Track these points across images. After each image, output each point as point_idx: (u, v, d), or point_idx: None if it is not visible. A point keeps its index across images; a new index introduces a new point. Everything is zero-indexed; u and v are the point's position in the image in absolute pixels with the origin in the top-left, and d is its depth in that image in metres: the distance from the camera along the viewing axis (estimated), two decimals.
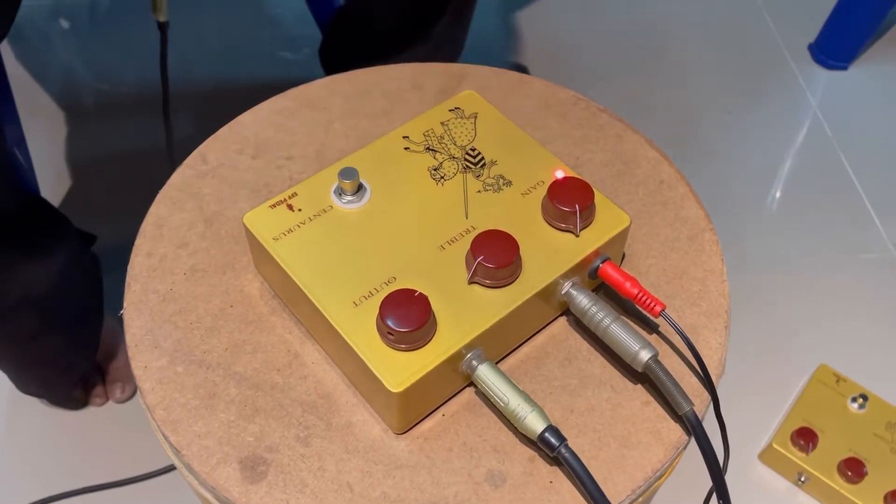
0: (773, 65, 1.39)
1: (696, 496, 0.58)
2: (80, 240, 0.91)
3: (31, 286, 0.79)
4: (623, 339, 0.42)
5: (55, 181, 1.17)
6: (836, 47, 1.36)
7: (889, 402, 0.94)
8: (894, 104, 1.33)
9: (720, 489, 0.41)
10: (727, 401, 0.44)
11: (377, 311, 0.40)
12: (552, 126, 0.55)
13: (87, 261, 0.92)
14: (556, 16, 1.45)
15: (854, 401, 0.94)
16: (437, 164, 0.47)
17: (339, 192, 0.45)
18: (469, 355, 0.40)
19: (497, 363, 0.43)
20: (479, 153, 0.48)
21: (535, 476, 0.40)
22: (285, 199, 0.45)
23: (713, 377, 0.43)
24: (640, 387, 0.43)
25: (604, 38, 1.42)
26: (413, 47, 0.89)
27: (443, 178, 0.47)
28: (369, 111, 0.56)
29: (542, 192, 0.46)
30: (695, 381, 0.44)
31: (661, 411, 0.42)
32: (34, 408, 0.97)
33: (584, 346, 0.45)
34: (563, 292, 0.43)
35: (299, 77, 0.60)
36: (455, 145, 0.48)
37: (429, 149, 0.48)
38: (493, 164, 0.47)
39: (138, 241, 0.48)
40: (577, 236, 0.44)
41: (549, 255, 0.43)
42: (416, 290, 0.40)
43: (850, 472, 0.88)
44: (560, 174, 0.47)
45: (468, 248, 0.42)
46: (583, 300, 0.43)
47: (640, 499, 0.41)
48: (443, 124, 0.49)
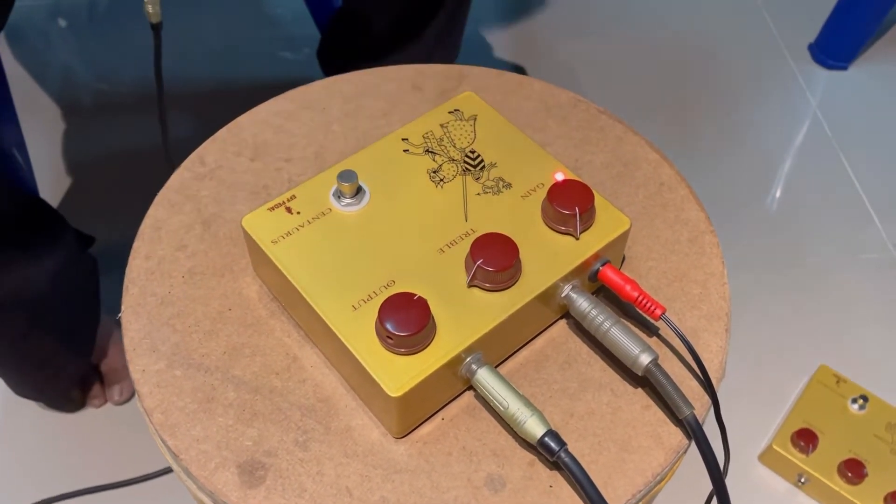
0: (772, 65, 1.38)
1: (696, 499, 0.58)
2: (77, 241, 0.91)
3: (25, 286, 0.79)
4: (623, 342, 0.41)
5: (54, 181, 1.16)
6: (836, 47, 1.36)
7: (889, 403, 0.94)
8: (894, 104, 1.33)
9: (720, 493, 0.41)
10: (727, 402, 0.44)
11: (376, 315, 0.39)
12: (552, 128, 0.55)
13: (85, 262, 0.92)
14: (555, 17, 1.45)
15: (854, 402, 0.94)
16: (436, 166, 0.47)
17: (338, 195, 0.45)
18: (468, 359, 0.40)
19: (496, 366, 0.43)
20: (479, 155, 0.48)
21: (534, 480, 0.40)
22: (284, 202, 0.45)
23: (714, 381, 0.43)
24: (640, 390, 0.43)
25: (603, 39, 1.42)
26: (410, 46, 0.89)
27: (442, 180, 0.46)
28: (368, 113, 0.56)
29: (541, 194, 0.45)
30: (695, 384, 0.44)
31: (661, 415, 0.42)
32: (32, 409, 0.97)
33: (584, 349, 0.45)
34: (562, 295, 0.43)
35: (299, 77, 0.60)
36: (454, 147, 0.48)
37: (428, 151, 0.48)
38: (492, 166, 0.47)
39: (136, 244, 0.48)
40: (577, 239, 0.44)
41: (548, 258, 0.43)
42: (416, 294, 0.40)
43: (850, 474, 0.88)
44: (560, 176, 0.46)
45: (468, 251, 0.42)
46: (583, 303, 0.43)
47: (641, 503, 0.41)
48: (442, 126, 0.49)
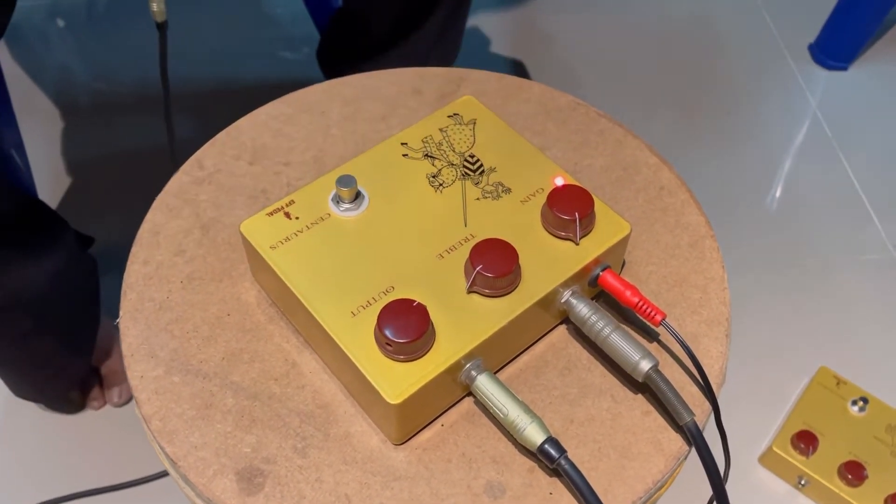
0: (772, 65, 1.38)
1: (696, 502, 0.58)
2: (77, 242, 0.91)
3: (26, 287, 0.79)
4: (623, 348, 0.41)
5: (53, 182, 1.16)
6: (836, 47, 1.36)
7: (889, 404, 0.94)
8: (894, 105, 1.33)
9: (721, 500, 0.41)
10: (727, 403, 0.44)
11: (375, 321, 0.39)
12: (551, 131, 0.55)
13: (85, 263, 0.92)
14: (554, 19, 1.45)
15: (854, 403, 0.94)
16: (435, 171, 0.47)
17: (337, 200, 0.45)
18: (468, 365, 0.40)
19: (496, 372, 0.43)
20: (478, 160, 0.48)
21: (534, 487, 0.40)
22: (282, 207, 0.44)
23: (714, 387, 0.43)
24: (640, 396, 0.43)
25: (604, 39, 1.41)
26: (410, 45, 0.89)
27: (441, 185, 0.46)
28: (368, 116, 0.55)
29: (541, 199, 0.45)
30: (695, 389, 0.43)
31: (661, 421, 0.42)
32: (31, 411, 0.97)
33: (584, 354, 0.45)
34: (562, 301, 0.43)
35: (299, 77, 0.60)
36: (454, 152, 0.48)
37: (427, 155, 0.48)
38: (492, 170, 0.47)
39: (134, 249, 0.48)
40: (577, 244, 0.43)
41: (548, 263, 0.43)
42: (415, 300, 0.39)
43: (850, 476, 0.88)
44: (560, 181, 0.46)
45: (467, 256, 0.42)
46: (583, 309, 0.43)
47: None
48: (441, 130, 0.49)
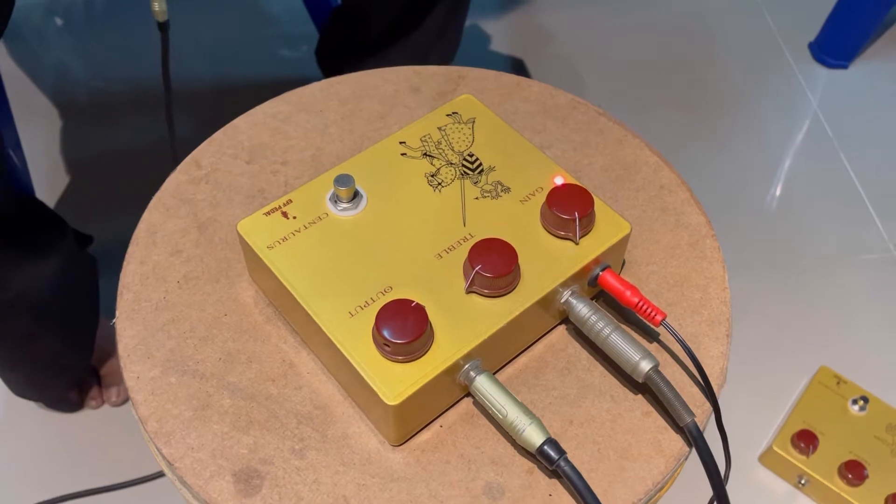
0: (773, 63, 1.38)
1: (696, 503, 0.58)
2: (76, 241, 0.91)
3: (26, 287, 0.78)
4: (623, 348, 0.41)
5: (51, 182, 1.16)
6: (837, 46, 1.35)
7: (890, 404, 0.94)
8: (895, 103, 1.32)
9: (722, 501, 0.41)
10: (726, 402, 0.44)
11: (373, 322, 0.39)
12: (551, 130, 0.55)
13: (84, 262, 0.92)
14: (554, 18, 1.44)
15: (855, 403, 0.93)
16: (434, 170, 0.47)
17: (335, 200, 0.44)
18: (467, 366, 0.40)
19: (495, 373, 0.43)
20: (477, 159, 0.47)
21: (533, 489, 0.39)
22: (280, 207, 0.44)
23: (714, 387, 0.43)
24: (640, 397, 0.43)
25: (604, 37, 1.41)
26: (409, 42, 0.88)
27: (440, 184, 0.46)
28: (366, 115, 0.55)
29: (540, 198, 0.45)
30: (696, 390, 0.43)
31: (661, 422, 0.42)
32: (30, 410, 0.97)
33: (584, 354, 0.44)
34: (562, 301, 0.43)
35: (298, 75, 0.60)
36: (452, 151, 0.47)
37: (426, 154, 0.47)
38: (491, 169, 0.47)
39: (131, 249, 0.48)
40: (577, 244, 0.43)
41: (548, 263, 0.42)
42: (413, 301, 0.39)
43: (850, 475, 0.87)
44: (559, 180, 0.46)
45: (466, 256, 0.42)
46: (582, 309, 0.42)
47: None
48: (440, 129, 0.48)
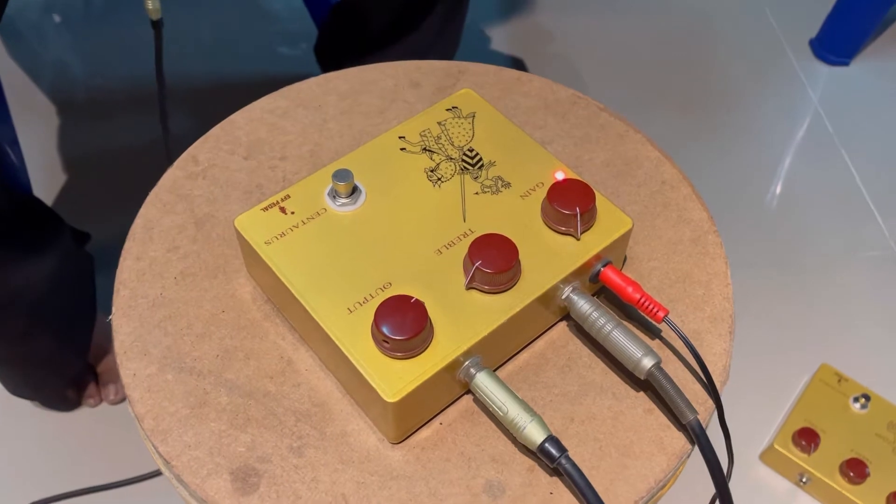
0: (774, 60, 1.37)
1: (697, 501, 0.57)
2: (73, 238, 0.90)
3: (22, 285, 0.78)
4: (625, 345, 0.40)
5: (48, 179, 1.15)
6: (838, 43, 1.35)
7: (891, 401, 0.93)
8: None
9: (724, 499, 0.40)
10: (728, 401, 0.43)
11: (372, 318, 0.38)
12: (552, 125, 0.54)
13: (81, 260, 0.91)
14: (554, 13, 1.44)
15: (856, 401, 0.93)
16: (433, 165, 0.46)
17: (334, 195, 0.44)
18: (467, 363, 0.39)
19: (495, 370, 0.42)
20: (477, 154, 0.47)
21: (534, 487, 0.39)
22: (278, 202, 0.44)
23: (717, 384, 0.42)
24: (642, 394, 0.42)
25: (604, 35, 1.41)
26: (409, 40, 0.88)
27: (440, 179, 0.45)
28: (365, 110, 0.55)
29: (541, 193, 0.45)
30: (698, 387, 0.43)
31: (663, 419, 0.41)
32: (27, 409, 0.96)
33: (585, 351, 0.44)
34: (563, 297, 0.42)
35: (297, 73, 0.59)
36: (452, 146, 0.47)
37: (425, 149, 0.47)
38: (491, 164, 0.46)
39: (127, 245, 0.47)
40: (578, 240, 0.43)
41: (548, 259, 0.42)
42: (413, 297, 0.39)
43: (852, 473, 0.87)
44: (560, 175, 0.45)
45: (466, 252, 0.41)
46: (583, 305, 0.42)
47: None
48: (440, 124, 0.48)
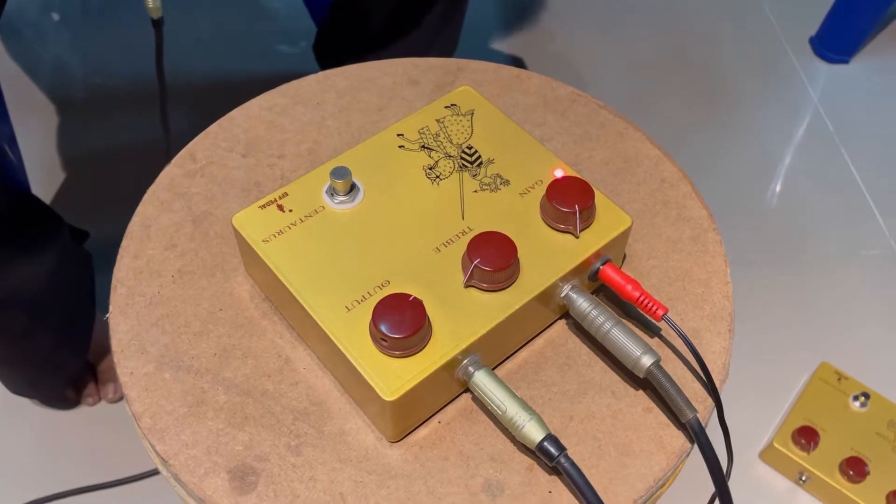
0: (773, 58, 1.37)
1: (695, 500, 0.57)
2: (72, 237, 0.90)
3: (22, 283, 0.78)
4: (624, 343, 0.40)
5: (47, 177, 1.15)
6: (838, 41, 1.35)
7: (891, 400, 0.93)
8: None
9: (724, 497, 0.40)
10: (727, 399, 0.43)
11: (370, 317, 0.38)
12: (551, 123, 0.54)
13: (79, 258, 0.91)
14: (554, 11, 1.44)
15: (856, 399, 0.93)
16: (432, 162, 0.46)
17: (332, 193, 0.44)
18: (465, 361, 0.39)
19: (494, 368, 0.42)
20: (476, 151, 0.47)
21: (533, 486, 0.39)
22: (275, 200, 0.43)
23: (717, 383, 0.42)
24: (641, 392, 0.42)
25: (603, 33, 1.40)
26: (409, 37, 0.88)
27: (438, 177, 0.45)
28: (363, 107, 0.54)
29: (540, 191, 0.44)
30: (698, 385, 0.43)
31: (663, 418, 0.41)
32: (26, 408, 0.96)
33: (584, 350, 0.44)
34: (562, 295, 0.42)
35: (296, 71, 0.59)
36: (451, 143, 0.47)
37: (424, 147, 0.47)
38: (490, 162, 0.46)
39: (124, 243, 0.47)
40: (577, 237, 0.43)
41: (547, 257, 0.42)
42: (411, 295, 0.38)
43: (851, 472, 0.87)
44: (559, 173, 0.45)
45: (464, 250, 0.41)
46: (583, 303, 0.42)
47: None
48: (438, 121, 0.48)
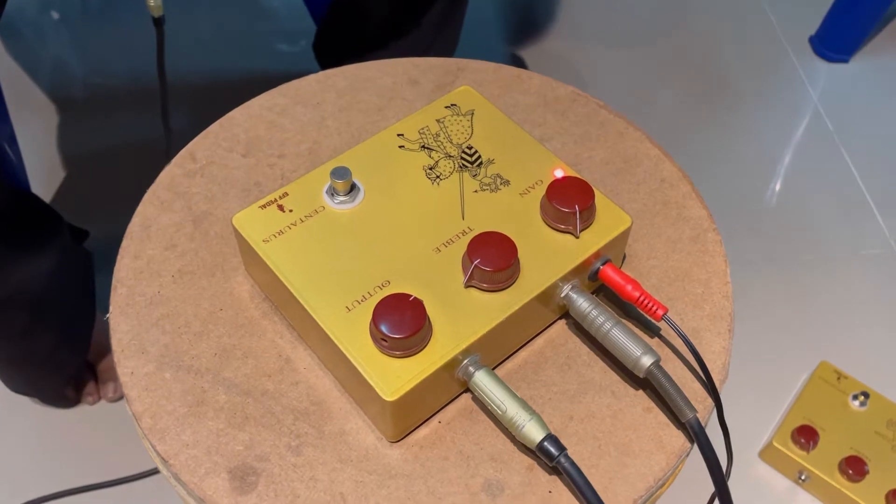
0: (773, 58, 1.37)
1: (695, 499, 0.57)
2: (72, 236, 0.90)
3: (22, 283, 0.78)
4: (624, 343, 0.40)
5: (46, 177, 1.15)
6: (838, 40, 1.35)
7: (890, 399, 0.93)
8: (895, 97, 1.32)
9: (723, 497, 0.40)
10: (727, 399, 0.43)
11: (370, 317, 0.38)
12: (551, 123, 0.54)
13: (80, 257, 0.91)
14: (554, 10, 1.44)
15: (855, 398, 0.93)
16: (432, 162, 0.46)
17: (332, 193, 0.44)
18: (465, 361, 0.39)
19: (494, 368, 0.42)
20: (476, 151, 0.47)
21: (533, 486, 0.39)
22: (276, 200, 0.43)
23: (716, 383, 0.42)
24: (641, 392, 0.42)
25: (603, 33, 1.40)
26: (409, 36, 0.88)
27: (438, 177, 0.45)
28: (363, 107, 0.54)
29: (540, 191, 0.44)
30: (697, 385, 0.43)
31: (663, 418, 0.41)
32: (26, 406, 0.96)
33: (584, 350, 0.44)
34: (562, 295, 0.42)
35: (296, 70, 0.59)
36: (451, 143, 0.47)
37: (424, 147, 0.47)
38: (490, 162, 0.46)
39: (124, 243, 0.47)
40: (577, 237, 0.43)
41: (547, 257, 0.42)
42: (411, 295, 0.39)
43: (851, 471, 0.87)
44: (559, 173, 0.45)
45: (464, 250, 0.41)
46: (583, 303, 0.42)
47: None
48: (438, 121, 0.48)
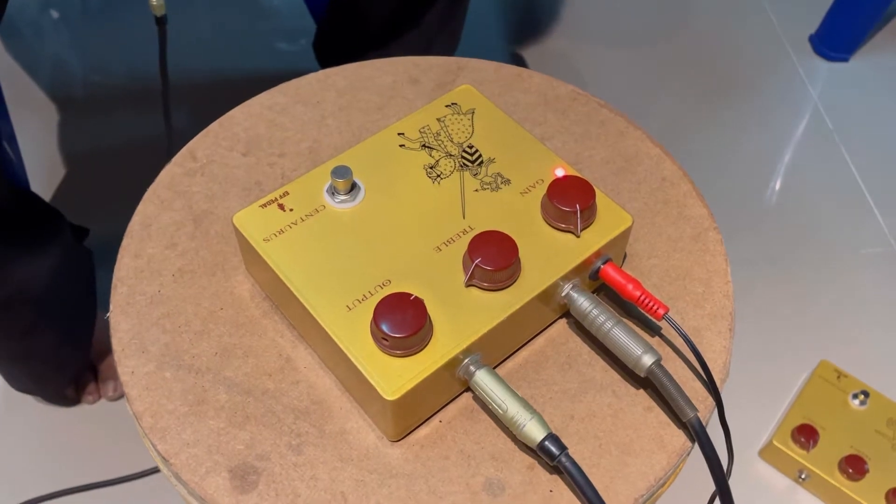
0: (773, 56, 1.37)
1: (695, 499, 0.57)
2: (73, 234, 0.90)
3: (24, 282, 0.78)
4: (625, 342, 0.40)
5: (47, 175, 1.15)
6: (838, 39, 1.35)
7: (891, 398, 0.93)
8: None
9: (724, 496, 0.40)
10: (728, 398, 0.43)
11: (371, 316, 0.38)
12: (552, 122, 0.54)
13: (81, 255, 0.91)
14: (555, 10, 1.44)
15: (855, 397, 0.93)
16: (433, 161, 0.46)
17: (332, 192, 0.44)
18: (466, 360, 0.39)
19: (495, 367, 0.42)
20: (477, 150, 0.47)
21: (534, 485, 0.39)
22: (276, 199, 0.43)
23: (717, 382, 0.42)
24: (642, 392, 0.42)
25: (604, 32, 1.40)
26: (409, 35, 0.88)
27: (439, 176, 0.45)
28: (364, 106, 0.54)
29: (541, 190, 0.44)
30: (698, 385, 0.43)
31: (663, 417, 0.41)
32: (27, 405, 0.96)
33: (585, 349, 0.44)
34: (563, 294, 0.42)
35: (297, 69, 0.59)
36: (452, 142, 0.47)
37: (425, 146, 0.47)
38: (490, 161, 0.46)
39: (125, 242, 0.47)
40: (578, 237, 0.43)
41: (548, 256, 0.42)
42: (412, 294, 0.39)
43: (851, 470, 0.87)
44: (560, 172, 0.45)
45: (465, 249, 0.41)
46: (583, 303, 0.42)
47: None
48: (439, 120, 0.48)
